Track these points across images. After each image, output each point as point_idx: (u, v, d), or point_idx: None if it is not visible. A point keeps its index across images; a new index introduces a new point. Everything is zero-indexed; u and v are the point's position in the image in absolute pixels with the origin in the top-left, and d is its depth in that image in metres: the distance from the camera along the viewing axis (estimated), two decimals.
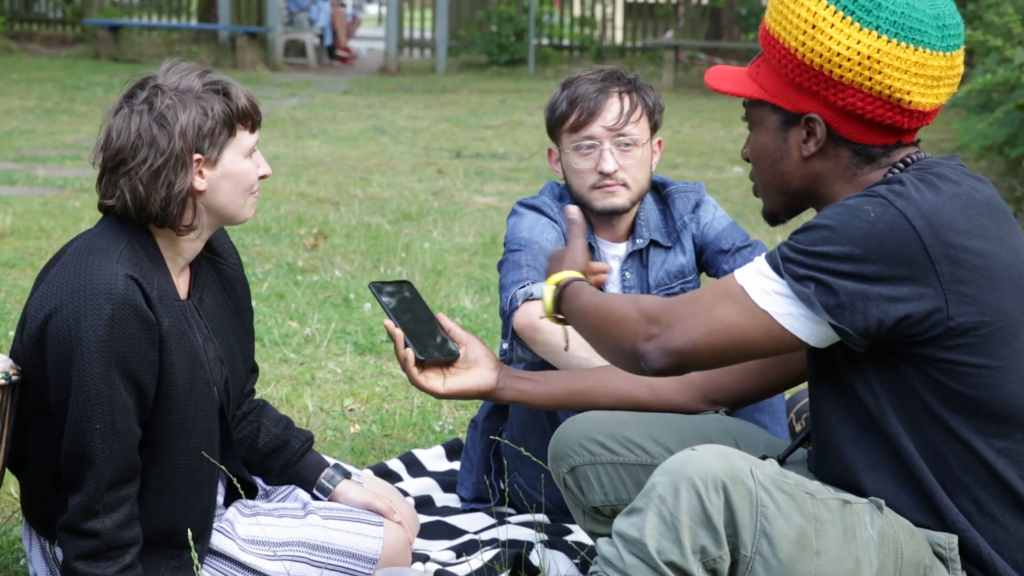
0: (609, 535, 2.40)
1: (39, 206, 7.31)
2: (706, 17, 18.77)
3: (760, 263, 2.06)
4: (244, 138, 2.55)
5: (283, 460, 2.85)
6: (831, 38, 2.06)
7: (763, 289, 2.03)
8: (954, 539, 2.08)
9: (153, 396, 2.47)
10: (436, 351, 2.47)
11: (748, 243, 3.32)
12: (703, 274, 3.41)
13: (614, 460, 2.41)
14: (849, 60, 2.05)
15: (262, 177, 2.62)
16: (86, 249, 2.45)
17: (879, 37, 2.04)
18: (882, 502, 2.06)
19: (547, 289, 2.37)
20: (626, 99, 3.19)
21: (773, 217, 2.26)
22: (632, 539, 1.94)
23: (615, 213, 3.22)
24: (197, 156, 2.49)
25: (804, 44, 2.08)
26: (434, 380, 2.48)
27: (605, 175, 3.17)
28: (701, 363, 2.09)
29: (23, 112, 11.68)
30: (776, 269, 2.03)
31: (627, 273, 3.29)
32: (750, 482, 1.94)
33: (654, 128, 3.25)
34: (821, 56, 2.07)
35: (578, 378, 2.56)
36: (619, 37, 19.71)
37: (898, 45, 2.04)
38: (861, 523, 2.02)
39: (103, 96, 12.93)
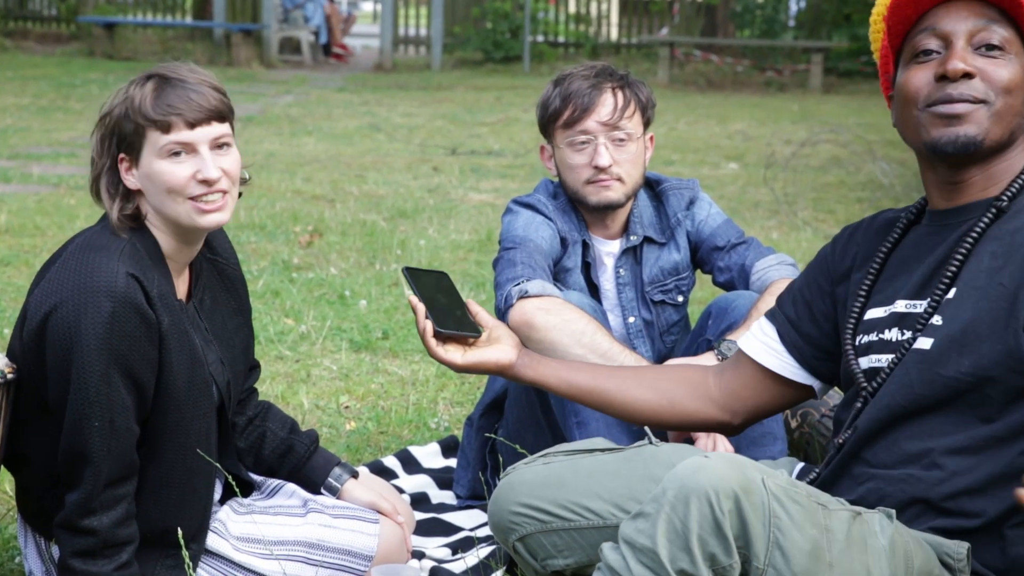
0: None
1: (34, 204, 7.30)
2: (701, 14, 18.79)
3: None
4: (155, 137, 2.47)
5: (289, 465, 2.87)
6: None
7: None
8: (963, 547, 2.06)
9: (152, 394, 2.47)
10: (456, 326, 2.49)
11: (743, 240, 3.32)
12: (698, 271, 3.41)
13: (566, 526, 2.35)
14: None
15: (205, 182, 2.48)
16: (87, 246, 2.45)
17: None
18: (892, 512, 2.03)
19: None
20: (619, 94, 3.19)
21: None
22: (642, 547, 1.91)
23: (610, 208, 3.22)
24: (121, 155, 2.51)
25: None
26: (453, 353, 2.49)
27: (600, 169, 3.17)
28: None
29: (18, 110, 11.67)
30: None
31: (621, 270, 3.30)
32: (762, 493, 1.91)
33: (646, 124, 3.26)
34: None
35: (601, 376, 2.52)
36: (614, 34, 19.74)
37: None
38: (872, 533, 1.99)
39: (98, 94, 12.92)
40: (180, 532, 2.54)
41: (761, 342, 2.42)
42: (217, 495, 2.75)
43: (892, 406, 2.12)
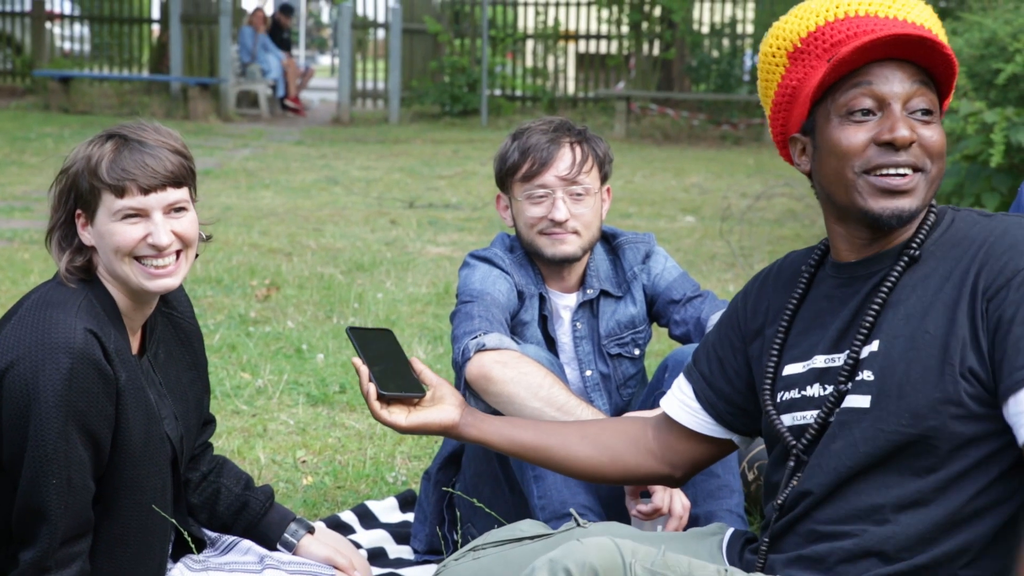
0: None
1: None
2: (657, 68, 18.94)
3: None
4: (109, 200, 2.48)
5: (244, 522, 2.85)
6: None
7: None
8: None
9: (108, 451, 2.45)
10: (399, 387, 2.46)
11: (699, 293, 3.35)
12: (654, 324, 3.43)
13: None
14: None
15: (154, 246, 2.49)
16: (44, 302, 2.44)
17: None
18: None
19: None
20: (577, 149, 3.22)
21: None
22: None
23: (566, 261, 3.24)
24: (78, 211, 2.52)
25: None
26: (397, 415, 2.46)
27: (556, 223, 3.19)
28: None
29: None
30: None
31: (578, 323, 3.31)
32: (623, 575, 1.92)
33: (604, 178, 3.29)
34: None
35: (544, 433, 2.52)
36: (571, 88, 19.88)
37: None
38: None
39: (53, 147, 12.87)
40: None
41: (679, 401, 2.44)
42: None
43: (839, 469, 2.10)
